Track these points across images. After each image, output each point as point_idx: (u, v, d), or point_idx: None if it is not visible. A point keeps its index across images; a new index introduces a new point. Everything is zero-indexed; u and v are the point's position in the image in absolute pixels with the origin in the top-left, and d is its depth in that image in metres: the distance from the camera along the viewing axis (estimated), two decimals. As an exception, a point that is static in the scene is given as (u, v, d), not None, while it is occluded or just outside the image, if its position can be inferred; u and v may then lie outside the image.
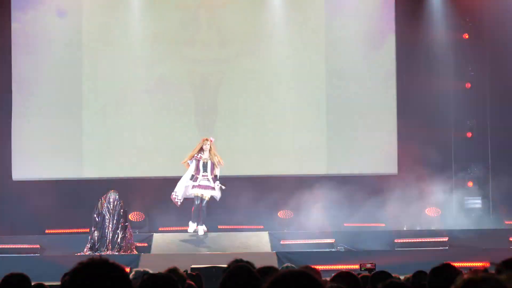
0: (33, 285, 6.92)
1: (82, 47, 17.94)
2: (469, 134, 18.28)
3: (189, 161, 15.67)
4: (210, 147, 15.61)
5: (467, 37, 18.43)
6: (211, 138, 15.80)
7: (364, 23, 18.17)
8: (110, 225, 15.19)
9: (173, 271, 6.18)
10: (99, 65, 17.96)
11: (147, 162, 17.86)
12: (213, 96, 18.15)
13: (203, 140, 15.74)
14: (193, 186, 15.55)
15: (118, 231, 15.17)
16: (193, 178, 15.59)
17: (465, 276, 2.60)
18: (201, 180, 15.56)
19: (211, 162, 15.55)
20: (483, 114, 18.29)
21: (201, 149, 15.67)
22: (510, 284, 2.62)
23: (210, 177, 15.54)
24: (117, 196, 15.42)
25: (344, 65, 18.10)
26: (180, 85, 18.11)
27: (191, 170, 15.65)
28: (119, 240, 15.12)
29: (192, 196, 15.61)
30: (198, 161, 15.60)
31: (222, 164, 15.55)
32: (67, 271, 6.98)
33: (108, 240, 15.11)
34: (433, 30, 18.34)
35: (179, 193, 15.61)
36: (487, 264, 12.80)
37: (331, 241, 15.69)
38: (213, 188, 15.51)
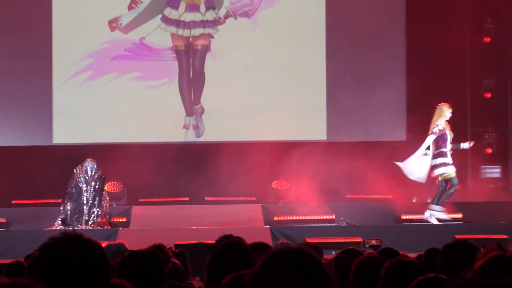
0: (11, 263, 6.96)
1: (53, 3, 17.81)
2: (488, 95, 18.24)
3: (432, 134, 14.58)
4: None
5: (485, -16, 18.35)
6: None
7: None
8: (87, 197, 15.17)
9: (159, 248, 6.15)
10: (72, 23, 17.84)
11: (124, 127, 17.80)
12: (200, 59, 18.04)
13: (445, 106, 14.77)
14: (448, 164, 14.63)
15: (95, 203, 15.16)
16: (438, 155, 14.66)
17: (493, 254, 2.59)
18: (450, 157, 14.68)
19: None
20: (503, 72, 18.26)
21: (441, 117, 14.72)
22: None
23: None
24: (95, 165, 15.37)
25: (347, 19, 17.99)
26: (162, 48, 18.00)
27: (427, 144, 14.71)
28: (95, 213, 15.12)
29: (449, 176, 14.70)
30: (444, 133, 14.73)
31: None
32: (36, 248, 7.00)
33: (84, 214, 15.10)
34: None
35: (418, 172, 14.72)
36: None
37: (332, 217, 15.71)
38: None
